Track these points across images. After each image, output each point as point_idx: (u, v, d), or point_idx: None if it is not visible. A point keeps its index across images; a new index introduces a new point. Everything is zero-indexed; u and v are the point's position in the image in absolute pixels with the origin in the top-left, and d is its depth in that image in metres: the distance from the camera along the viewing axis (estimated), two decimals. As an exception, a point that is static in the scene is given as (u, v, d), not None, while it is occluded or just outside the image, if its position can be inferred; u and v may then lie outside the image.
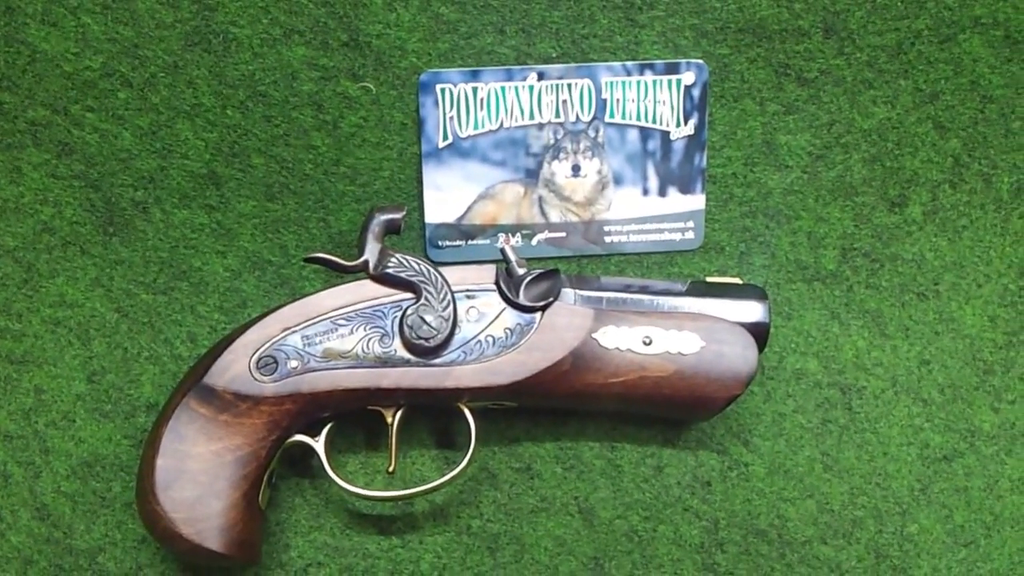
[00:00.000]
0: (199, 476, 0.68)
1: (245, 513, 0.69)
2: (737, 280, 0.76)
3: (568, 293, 0.72)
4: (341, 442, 0.77)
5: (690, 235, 0.81)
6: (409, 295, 0.70)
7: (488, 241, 0.79)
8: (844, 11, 0.79)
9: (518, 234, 0.80)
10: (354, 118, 0.77)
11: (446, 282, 0.70)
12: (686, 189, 0.80)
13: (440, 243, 0.79)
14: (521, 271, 0.71)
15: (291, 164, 0.78)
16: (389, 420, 0.73)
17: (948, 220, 0.83)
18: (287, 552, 0.76)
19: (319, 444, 0.71)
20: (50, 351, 0.78)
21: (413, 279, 0.70)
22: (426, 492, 0.73)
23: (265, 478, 0.71)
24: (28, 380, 0.78)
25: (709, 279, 0.76)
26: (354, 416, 0.75)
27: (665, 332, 0.71)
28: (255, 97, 0.76)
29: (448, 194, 0.78)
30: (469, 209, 0.79)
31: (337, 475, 0.72)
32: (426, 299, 0.69)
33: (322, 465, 0.72)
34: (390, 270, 0.70)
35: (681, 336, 0.72)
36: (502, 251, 0.71)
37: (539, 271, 0.71)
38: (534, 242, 0.80)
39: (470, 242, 0.79)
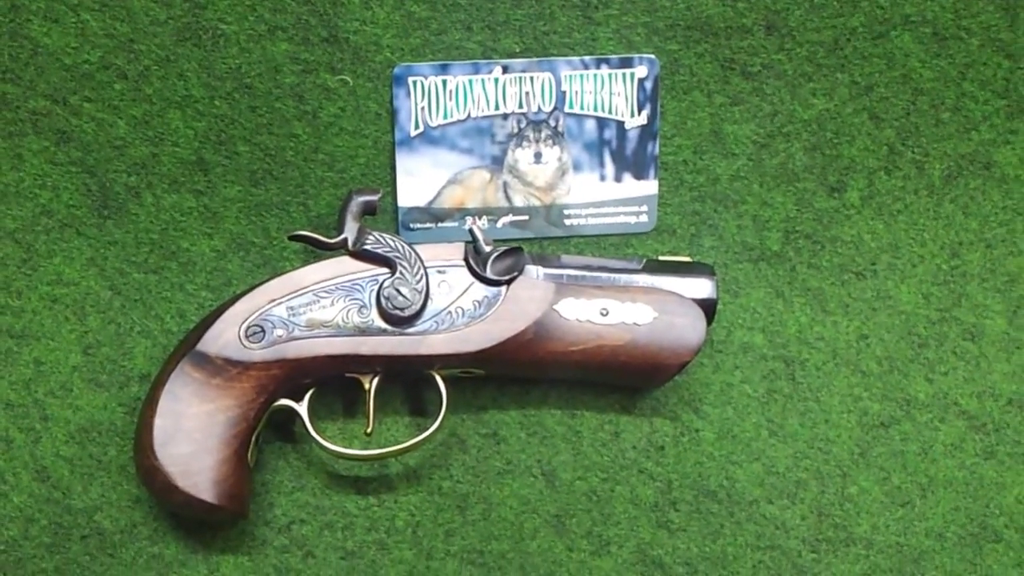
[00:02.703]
0: (194, 434, 0.71)
1: (235, 469, 0.72)
2: (688, 259, 0.79)
3: (531, 269, 0.75)
4: (321, 410, 0.79)
5: (644, 218, 0.84)
6: (385, 270, 0.73)
7: (456, 224, 0.82)
8: (784, 9, 0.81)
9: (484, 217, 0.83)
10: (332, 108, 0.80)
11: (419, 258, 0.73)
12: (640, 175, 0.83)
13: (412, 225, 0.82)
14: (488, 248, 0.74)
15: (274, 151, 0.80)
16: (366, 386, 0.76)
17: (884, 204, 0.86)
18: (272, 510, 0.79)
19: (302, 407, 0.75)
20: (48, 326, 0.80)
21: (389, 255, 0.73)
22: (400, 452, 0.77)
23: (253, 438, 0.74)
24: (28, 353, 0.80)
25: (662, 257, 0.79)
26: (334, 383, 0.77)
27: (621, 304, 0.75)
28: (241, 89, 0.79)
29: (419, 179, 0.81)
30: (439, 194, 0.82)
31: (319, 435, 0.75)
32: (401, 273, 0.73)
33: (305, 429, 0.75)
34: (368, 247, 0.73)
35: (635, 308, 0.75)
36: (470, 231, 0.75)
37: (504, 248, 0.74)
38: (499, 224, 0.83)
39: (440, 224, 0.82)
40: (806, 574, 0.81)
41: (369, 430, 0.76)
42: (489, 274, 0.74)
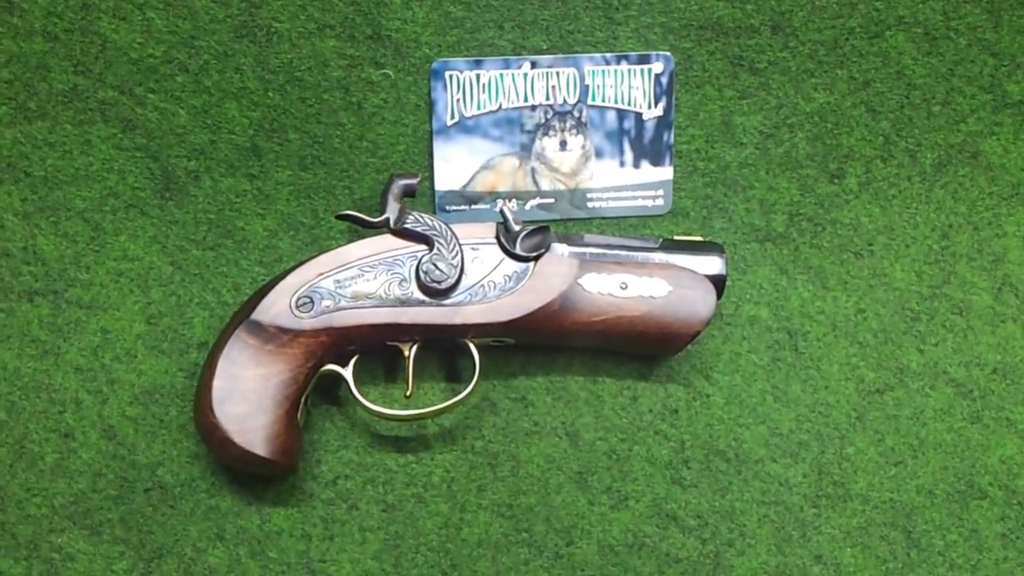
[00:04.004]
0: (249, 395, 0.75)
1: (286, 427, 0.76)
2: (700, 238, 0.81)
3: (557, 247, 0.78)
4: (365, 375, 0.82)
5: (660, 202, 0.86)
6: (424, 247, 0.76)
7: (488, 206, 0.85)
8: (788, 11, 0.83)
9: (514, 200, 0.85)
10: (376, 100, 0.82)
11: (455, 236, 0.76)
12: (656, 162, 0.85)
13: (448, 207, 0.84)
14: (517, 228, 0.77)
15: (322, 139, 0.82)
16: (406, 353, 0.79)
17: (880, 190, 0.87)
18: (319, 467, 0.82)
19: (347, 372, 0.78)
20: (114, 298, 0.82)
21: (427, 233, 0.76)
22: (437, 413, 0.80)
23: (302, 400, 0.77)
24: (96, 322, 0.82)
25: (677, 237, 0.81)
26: (376, 351, 0.79)
27: (638, 278, 0.78)
28: (292, 82, 0.81)
29: (455, 165, 0.83)
30: (472, 178, 0.84)
31: (362, 397, 0.78)
32: (438, 250, 0.76)
33: (349, 393, 0.78)
34: (408, 225, 0.76)
35: (652, 282, 0.78)
36: (501, 212, 0.77)
37: (532, 228, 0.77)
38: (527, 207, 0.85)
39: (473, 207, 0.85)
40: (807, 527, 0.84)
41: (408, 393, 0.79)
42: (518, 251, 0.77)
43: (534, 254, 0.77)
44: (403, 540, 0.82)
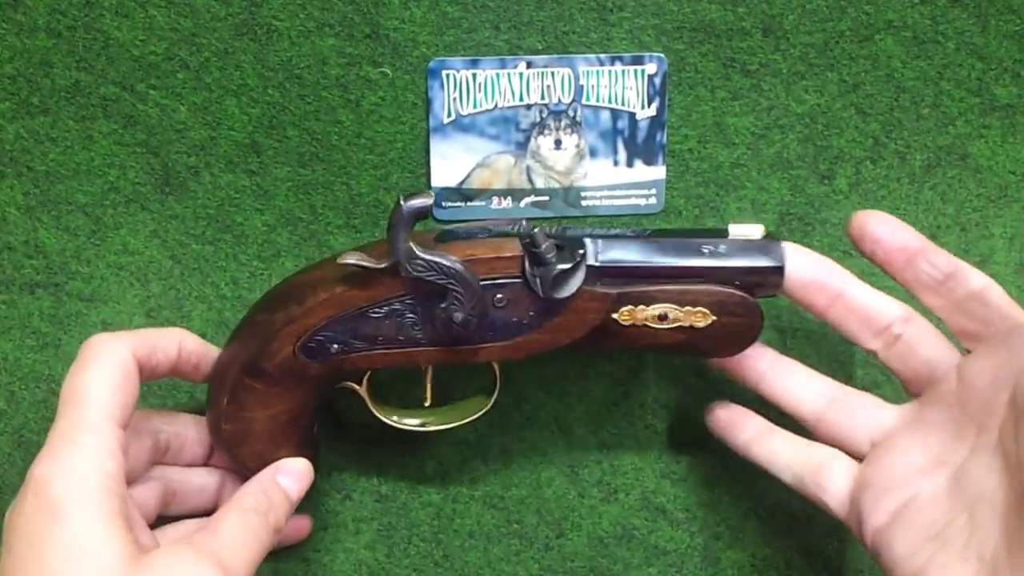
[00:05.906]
0: (261, 434, 0.74)
1: (303, 450, 0.75)
2: (761, 229, 0.74)
3: (592, 276, 0.69)
4: (378, 379, 0.79)
5: (653, 200, 0.86)
6: (439, 293, 0.68)
7: (484, 203, 0.85)
8: (779, 14, 0.84)
9: (509, 197, 0.85)
10: (373, 98, 0.83)
11: (474, 280, 0.67)
12: (650, 161, 0.86)
13: (444, 204, 0.85)
14: (549, 256, 0.67)
15: (320, 136, 0.83)
16: (423, 368, 0.76)
17: (869, 191, 0.88)
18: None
19: (362, 389, 0.76)
20: (114, 291, 0.83)
21: (441, 283, 0.67)
22: (456, 427, 0.79)
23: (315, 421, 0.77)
24: (96, 315, 0.83)
25: (734, 226, 0.73)
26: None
27: (680, 308, 0.72)
28: (292, 79, 0.82)
29: (451, 163, 0.84)
30: (468, 176, 0.85)
31: (379, 412, 0.77)
32: (455, 300, 0.67)
33: (364, 407, 0.76)
34: (419, 274, 0.67)
35: (695, 311, 0.72)
36: (531, 238, 0.67)
37: (566, 267, 0.67)
38: (522, 204, 0.85)
39: (469, 203, 0.85)
40: (794, 521, 0.86)
41: (427, 404, 0.78)
42: (549, 294, 0.68)
43: (566, 295, 0.68)
44: (396, 530, 0.84)
